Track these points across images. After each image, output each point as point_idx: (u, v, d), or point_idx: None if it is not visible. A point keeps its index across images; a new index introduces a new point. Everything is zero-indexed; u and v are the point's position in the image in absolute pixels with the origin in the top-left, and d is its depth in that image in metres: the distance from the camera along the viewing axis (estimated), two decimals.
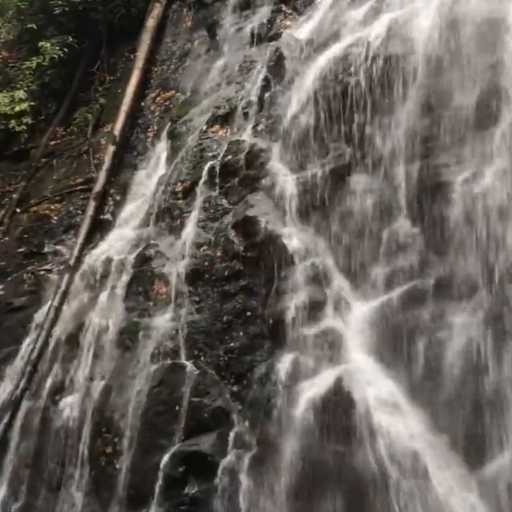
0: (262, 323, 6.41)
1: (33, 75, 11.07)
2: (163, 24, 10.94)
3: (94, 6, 11.02)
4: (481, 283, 5.32)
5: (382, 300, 5.83)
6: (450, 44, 6.10)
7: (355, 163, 6.55)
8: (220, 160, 7.61)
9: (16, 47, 12.18)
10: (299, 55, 7.76)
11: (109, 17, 11.12)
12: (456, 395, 5.12)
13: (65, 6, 11.00)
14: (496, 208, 5.39)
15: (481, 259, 5.37)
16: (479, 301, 5.30)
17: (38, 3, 11.28)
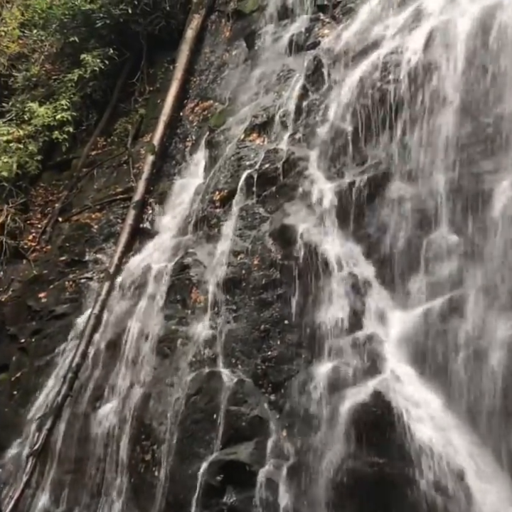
0: (299, 331, 6.38)
1: (74, 87, 11.34)
2: (201, 35, 11.07)
3: (135, 18, 11.22)
4: None
5: (422, 310, 5.75)
6: (491, 51, 6.01)
7: (394, 171, 6.49)
8: (258, 168, 7.64)
9: (59, 60, 12.50)
10: (338, 64, 7.73)
11: (149, 29, 11.31)
12: (498, 408, 5.00)
13: (106, 19, 11.23)
14: None
15: None
16: None
17: (80, 16, 11.57)
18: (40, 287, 9.32)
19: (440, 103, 6.25)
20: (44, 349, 8.55)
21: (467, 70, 6.13)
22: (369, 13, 7.92)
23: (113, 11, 11.14)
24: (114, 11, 11.14)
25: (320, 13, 9.10)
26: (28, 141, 11.08)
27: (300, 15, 9.37)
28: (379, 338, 5.89)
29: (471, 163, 5.88)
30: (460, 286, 5.63)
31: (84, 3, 11.38)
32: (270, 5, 9.92)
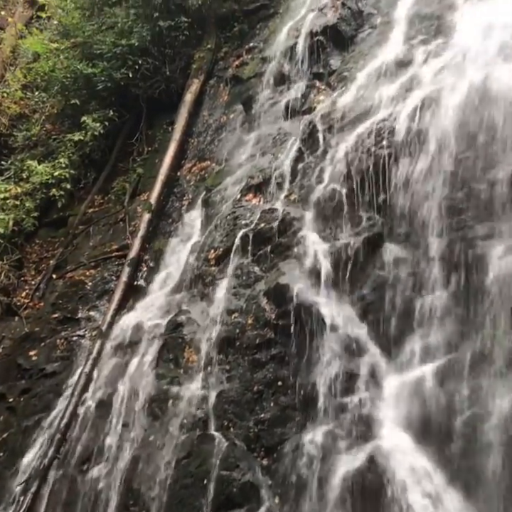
0: (293, 393, 6.28)
1: (74, 147, 11.50)
2: (200, 98, 11.36)
3: (135, 81, 11.52)
4: None
5: (418, 374, 5.69)
6: (482, 120, 6.16)
7: (388, 234, 6.55)
8: (253, 228, 7.69)
9: (59, 120, 12.75)
10: (332, 129, 7.91)
11: (149, 92, 11.61)
12: (494, 477, 4.88)
13: (107, 82, 11.52)
14: None
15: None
16: None
17: (81, 79, 11.83)
18: (31, 345, 9.19)
19: (433, 168, 6.35)
20: (33, 409, 8.35)
21: (458, 138, 6.27)
22: (363, 81, 8.16)
23: (114, 75, 11.45)
24: (115, 74, 11.44)
25: (316, 80, 9.38)
26: (26, 199, 11.18)
27: (296, 82, 9.64)
28: (374, 401, 5.79)
29: (464, 228, 5.95)
30: (455, 351, 5.59)
31: (86, 67, 11.67)
32: (267, 72, 10.20)
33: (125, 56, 11.47)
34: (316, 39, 9.46)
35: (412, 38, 8.06)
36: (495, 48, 6.70)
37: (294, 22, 10.23)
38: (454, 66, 6.96)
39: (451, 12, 7.89)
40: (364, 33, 9.31)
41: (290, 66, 9.79)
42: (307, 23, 9.76)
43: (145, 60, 11.48)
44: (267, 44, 10.83)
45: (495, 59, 6.57)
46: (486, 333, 5.44)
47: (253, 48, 11.20)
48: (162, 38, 11.62)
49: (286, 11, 11.07)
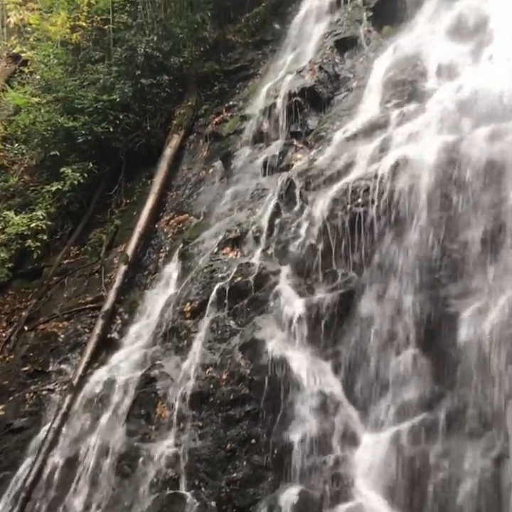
0: (266, 452, 6.17)
1: (52, 198, 11.51)
2: (180, 153, 11.53)
3: (116, 135, 11.67)
4: (493, 418, 5.13)
5: (391, 433, 5.64)
6: (454, 181, 6.31)
7: (363, 290, 6.58)
8: (230, 281, 7.69)
9: (38, 172, 12.81)
10: (309, 186, 8.05)
11: (129, 146, 11.76)
12: None
13: (88, 136, 11.64)
14: (504, 340, 5.31)
15: (491, 394, 5.22)
16: (492, 439, 5.10)
17: (62, 132, 11.93)
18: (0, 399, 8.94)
19: (407, 227, 6.46)
20: None
21: (432, 199, 6.39)
22: (340, 141, 8.37)
23: (95, 129, 11.58)
24: (96, 128, 11.58)
25: (293, 138, 9.58)
26: (0, 249, 11.07)
27: (275, 139, 9.85)
28: (348, 461, 5.72)
29: (438, 287, 6.02)
30: (429, 409, 5.56)
31: (67, 120, 11.78)
32: (246, 129, 10.43)
33: (106, 111, 11.65)
34: (294, 100, 9.72)
35: (387, 102, 8.33)
36: (467, 113, 6.93)
37: (273, 83, 10.53)
38: (427, 129, 7.18)
39: (424, 78, 8.20)
40: (340, 95, 9.61)
41: (269, 124, 10.01)
42: (286, 85, 10.04)
43: (126, 115, 11.67)
44: (246, 103, 11.11)
45: (466, 124, 6.79)
46: (460, 393, 5.42)
47: (233, 106, 11.47)
48: (144, 95, 11.86)
49: (265, 73, 11.43)
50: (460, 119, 6.91)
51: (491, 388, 5.25)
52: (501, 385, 5.21)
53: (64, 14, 13.28)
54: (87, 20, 13.30)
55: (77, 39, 13.28)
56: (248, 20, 12.52)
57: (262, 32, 12.32)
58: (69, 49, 13.39)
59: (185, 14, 12.41)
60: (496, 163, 6.17)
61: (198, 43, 12.23)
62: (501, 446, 5.03)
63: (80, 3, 13.32)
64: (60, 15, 13.32)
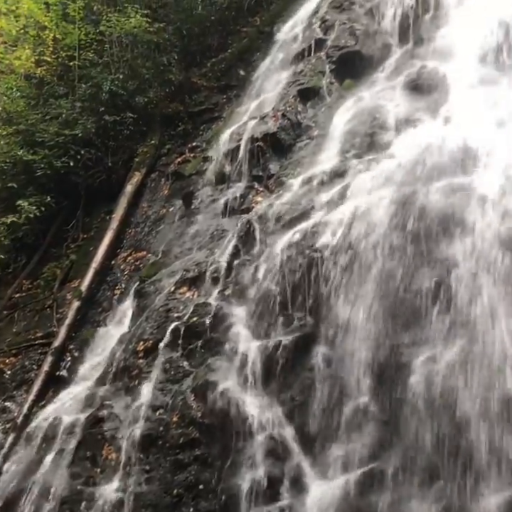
0: (214, 498, 6.04)
1: (6, 230, 11.26)
2: (141, 190, 11.53)
3: (76, 170, 11.61)
4: (442, 469, 5.15)
5: (341, 482, 5.60)
6: (410, 232, 6.45)
7: (319, 335, 6.60)
8: (185, 321, 7.61)
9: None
10: (269, 229, 8.13)
11: (90, 181, 11.70)
12: None
13: (47, 169, 11.51)
14: (454, 391, 5.38)
15: (440, 446, 5.24)
16: (440, 490, 5.11)
17: (21, 165, 11.76)
18: None
19: (362, 275, 6.55)
20: None
21: (387, 249, 6.50)
22: (300, 187, 8.51)
23: (55, 163, 11.48)
24: (55, 163, 11.48)
25: (255, 182, 9.72)
26: None
27: (236, 182, 9.95)
28: (296, 509, 5.64)
29: (390, 335, 6.07)
30: (379, 459, 5.55)
31: (26, 153, 11.62)
32: (208, 170, 10.54)
33: (67, 145, 11.60)
34: (256, 144, 9.90)
35: (347, 152, 8.56)
36: (422, 167, 7.16)
37: (236, 127, 10.69)
38: (384, 180, 7.38)
39: (384, 131, 8.48)
40: (302, 142, 9.83)
41: (231, 167, 10.14)
42: (249, 129, 10.22)
43: (88, 151, 11.64)
44: (209, 145, 11.24)
45: (424, 177, 7.00)
46: (409, 443, 5.43)
47: (196, 147, 11.59)
48: (107, 131, 11.88)
49: (229, 116, 11.61)
50: (415, 172, 7.12)
51: (441, 437, 5.27)
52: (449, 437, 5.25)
53: (29, 49, 13.31)
54: (52, 55, 13.36)
55: (42, 73, 13.30)
56: (214, 65, 12.79)
57: (228, 77, 12.60)
58: (33, 83, 13.38)
59: (152, 56, 12.60)
60: (448, 216, 6.35)
61: (163, 84, 12.39)
62: (450, 497, 5.04)
63: (46, 38, 13.38)
64: (25, 49, 13.34)
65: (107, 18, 12.74)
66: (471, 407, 5.27)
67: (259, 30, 12.77)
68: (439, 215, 6.41)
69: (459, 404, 5.32)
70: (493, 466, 4.98)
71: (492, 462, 4.99)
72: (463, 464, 5.09)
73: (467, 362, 5.45)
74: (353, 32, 10.63)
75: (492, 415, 5.14)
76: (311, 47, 10.95)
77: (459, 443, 5.19)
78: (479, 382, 5.33)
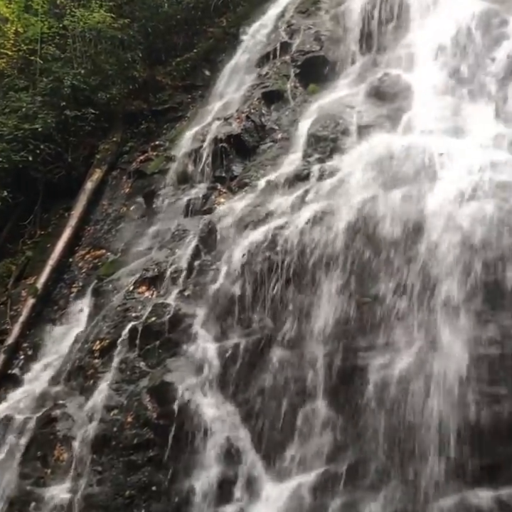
0: (167, 500, 6.00)
1: None
2: (101, 188, 11.38)
3: (35, 165, 11.37)
4: (394, 472, 5.22)
5: (293, 484, 5.64)
6: (370, 237, 6.53)
7: (277, 337, 6.61)
8: (143, 321, 7.53)
9: None
10: (230, 231, 8.12)
11: (49, 176, 11.48)
12: None
13: (4, 163, 11.26)
14: (406, 394, 5.45)
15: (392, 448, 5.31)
16: (392, 492, 5.17)
17: None
18: None
19: (322, 279, 6.58)
20: None
21: (346, 253, 6.56)
22: (262, 189, 8.53)
23: (13, 157, 11.24)
24: (14, 156, 11.24)
25: (218, 183, 9.70)
26: None
27: (199, 182, 9.91)
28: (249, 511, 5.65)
29: (348, 338, 6.13)
30: (333, 461, 5.60)
31: None
32: (171, 170, 10.45)
33: (26, 140, 11.36)
34: (220, 145, 9.88)
35: (309, 156, 8.61)
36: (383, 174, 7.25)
37: (200, 127, 10.65)
38: (345, 185, 7.45)
39: (345, 137, 8.57)
40: (265, 145, 9.86)
41: (194, 167, 10.10)
42: (213, 130, 10.20)
43: (47, 146, 11.42)
44: (172, 144, 11.16)
45: (381, 184, 7.09)
46: (363, 445, 5.48)
47: (159, 146, 11.49)
48: (67, 126, 11.69)
49: (193, 116, 11.57)
50: (376, 178, 7.20)
51: (393, 441, 5.33)
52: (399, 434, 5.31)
53: None
54: (13, 48, 13.09)
55: (2, 66, 13.02)
56: (179, 64, 12.72)
57: (193, 77, 12.55)
58: None
59: (116, 52, 12.47)
60: (407, 222, 6.43)
61: (127, 81, 12.26)
62: (401, 499, 5.10)
63: (6, 30, 13.10)
64: None
65: (71, 12, 12.56)
66: (423, 412, 5.34)
67: (225, 32, 12.76)
68: (398, 221, 6.49)
69: (412, 409, 5.38)
70: (444, 469, 5.06)
71: (443, 464, 5.08)
72: (414, 466, 5.16)
73: (422, 367, 5.53)
74: (318, 37, 10.73)
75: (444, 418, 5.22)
76: (277, 50, 11.01)
77: (411, 446, 5.25)
78: (433, 388, 5.40)
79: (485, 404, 5.14)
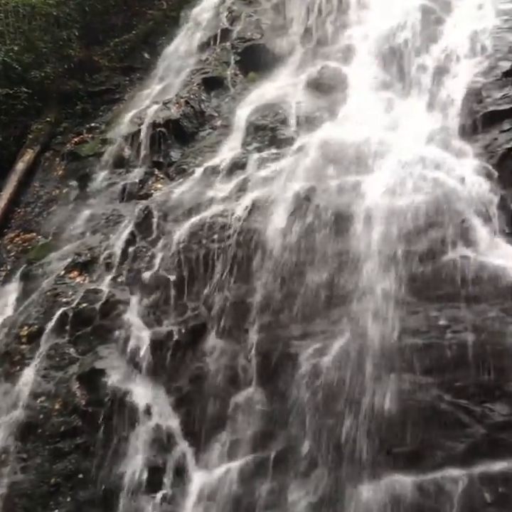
0: (94, 488, 5.92)
1: None
2: (33, 169, 11.02)
3: None
4: (321, 458, 5.32)
5: (223, 471, 5.65)
6: (305, 228, 6.60)
7: (211, 325, 6.61)
8: (74, 307, 7.39)
9: None
10: (167, 217, 8.03)
11: None
12: None
13: None
14: (335, 384, 5.55)
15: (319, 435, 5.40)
16: (318, 478, 5.27)
17: None
18: None
19: (258, 266, 6.62)
20: None
21: (282, 242, 6.60)
22: (200, 176, 8.45)
23: None
24: None
25: (155, 168, 9.56)
26: None
27: (136, 167, 9.75)
28: (177, 499, 5.64)
29: (281, 327, 6.18)
30: (262, 448, 5.64)
31: None
32: (107, 153, 10.24)
33: None
34: (158, 130, 9.75)
35: (248, 144, 8.61)
36: (319, 165, 7.34)
37: (138, 110, 10.47)
38: (282, 175, 7.49)
39: (284, 127, 8.61)
40: (205, 131, 9.79)
41: (131, 151, 9.93)
42: (151, 114, 10.05)
43: None
44: (109, 127, 10.92)
45: (318, 174, 7.18)
46: (292, 433, 5.57)
47: (94, 128, 11.23)
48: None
49: (131, 99, 11.35)
50: (313, 169, 7.28)
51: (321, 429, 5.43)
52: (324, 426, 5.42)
53: None
54: None
55: None
56: (117, 45, 12.45)
57: (131, 59, 12.31)
58: None
59: (51, 29, 12.08)
60: (341, 214, 6.54)
61: (62, 60, 11.93)
62: (327, 485, 5.21)
63: None
64: None
65: None
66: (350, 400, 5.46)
67: (166, 15, 12.58)
68: (333, 212, 6.59)
69: (339, 397, 5.50)
70: (368, 456, 5.20)
71: (367, 451, 5.21)
72: (340, 453, 5.27)
73: (349, 357, 5.64)
74: (258, 25, 10.73)
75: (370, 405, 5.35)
76: (217, 36, 10.95)
77: (338, 433, 5.36)
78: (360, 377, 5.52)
79: (411, 393, 5.28)
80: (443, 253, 5.86)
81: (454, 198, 6.18)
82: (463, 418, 5.08)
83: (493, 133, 6.82)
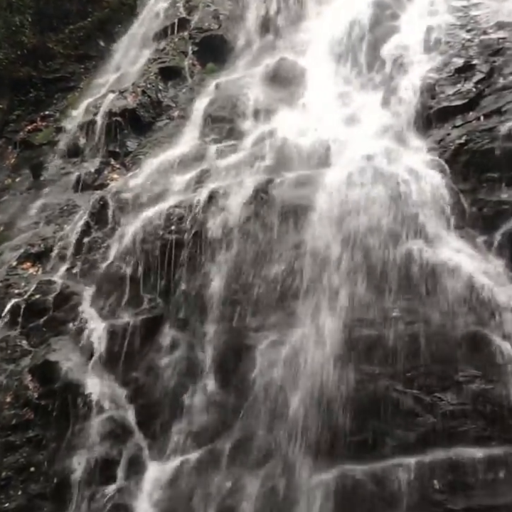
0: (46, 481, 5.89)
1: None
2: None
3: None
4: (275, 449, 5.37)
5: (179, 462, 5.66)
6: (262, 219, 6.60)
7: (168, 317, 6.59)
8: (27, 298, 7.29)
9: None
10: (123, 208, 7.95)
11: None
12: None
13: None
14: (291, 375, 5.61)
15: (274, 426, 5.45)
16: (272, 469, 5.32)
17: None
18: None
19: (215, 260, 6.62)
20: None
21: (241, 234, 6.62)
22: (158, 167, 8.38)
23: None
24: None
25: (111, 158, 9.45)
26: None
27: (91, 156, 9.61)
28: (131, 491, 5.63)
29: (238, 319, 6.18)
30: (218, 439, 5.67)
31: None
32: (61, 142, 10.08)
33: None
34: (114, 119, 9.62)
35: (206, 136, 8.58)
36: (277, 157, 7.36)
37: (93, 99, 10.33)
38: (241, 167, 7.50)
39: (242, 119, 8.61)
40: (162, 122, 9.70)
41: (86, 140, 9.80)
42: (107, 103, 9.91)
43: None
44: (63, 115, 10.74)
45: (275, 167, 7.20)
46: (248, 424, 5.60)
47: (48, 116, 11.04)
48: None
49: (86, 87, 11.17)
50: (271, 161, 7.31)
51: (278, 420, 5.48)
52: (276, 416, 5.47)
53: None
54: None
55: None
56: (72, 33, 12.22)
57: (86, 46, 12.09)
58: None
59: (3, 14, 11.78)
60: (298, 207, 6.58)
61: (14, 46, 11.63)
62: (280, 475, 5.27)
63: None
64: None
65: None
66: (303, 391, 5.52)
67: (122, 2, 12.39)
68: (290, 205, 6.63)
69: (293, 387, 5.55)
70: (322, 445, 5.28)
71: (321, 441, 5.29)
72: (294, 443, 5.34)
73: (304, 348, 5.70)
74: (216, 16, 10.67)
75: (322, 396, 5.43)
76: (175, 25, 10.83)
77: (291, 424, 5.41)
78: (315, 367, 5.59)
79: (363, 383, 5.38)
80: (397, 246, 5.97)
81: (408, 192, 6.30)
82: (414, 407, 5.20)
83: (446, 128, 6.96)
